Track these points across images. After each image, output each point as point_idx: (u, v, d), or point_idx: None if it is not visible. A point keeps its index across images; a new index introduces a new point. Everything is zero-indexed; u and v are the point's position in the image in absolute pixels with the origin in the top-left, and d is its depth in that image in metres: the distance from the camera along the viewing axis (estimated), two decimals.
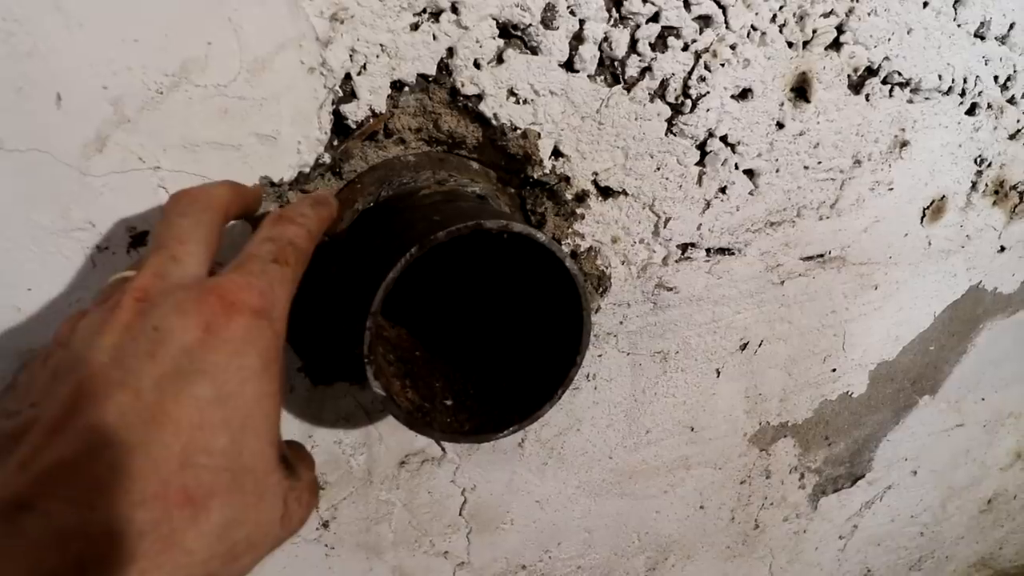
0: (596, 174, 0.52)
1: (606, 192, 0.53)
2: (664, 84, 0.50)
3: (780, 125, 0.55)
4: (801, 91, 0.55)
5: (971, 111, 0.64)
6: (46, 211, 0.38)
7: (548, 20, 0.45)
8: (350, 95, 0.42)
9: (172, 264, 0.29)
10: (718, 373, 0.67)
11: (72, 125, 0.37)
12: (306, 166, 0.43)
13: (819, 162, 0.59)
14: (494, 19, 0.43)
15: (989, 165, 0.68)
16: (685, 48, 0.49)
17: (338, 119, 0.43)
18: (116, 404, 0.24)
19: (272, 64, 0.39)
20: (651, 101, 0.50)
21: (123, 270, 0.34)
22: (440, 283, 0.52)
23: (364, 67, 0.41)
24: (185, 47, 0.37)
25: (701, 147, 0.54)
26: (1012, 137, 0.67)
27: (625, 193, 0.53)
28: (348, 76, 0.41)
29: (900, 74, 0.57)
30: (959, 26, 0.58)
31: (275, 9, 0.38)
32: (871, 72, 0.56)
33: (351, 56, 0.41)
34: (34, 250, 0.39)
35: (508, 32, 0.44)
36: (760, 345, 0.68)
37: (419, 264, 0.38)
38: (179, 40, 0.37)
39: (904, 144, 0.62)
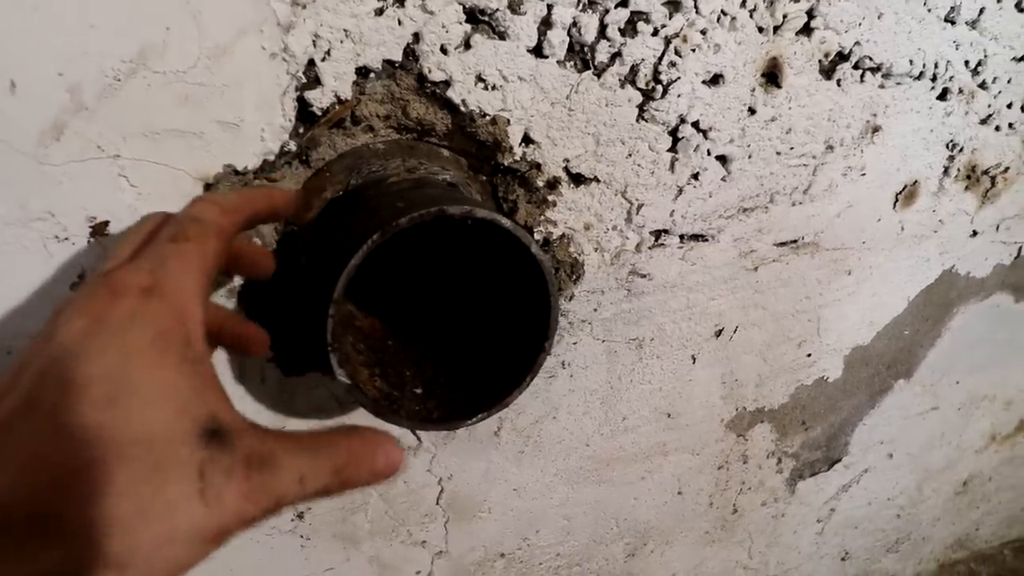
0: (567, 161, 0.51)
1: (578, 179, 0.53)
2: (634, 70, 0.50)
3: (752, 111, 0.55)
4: (772, 76, 0.55)
5: (942, 96, 0.64)
6: (3, 201, 0.37)
7: (515, 5, 0.44)
8: (314, 81, 0.42)
9: (99, 270, 0.29)
10: (694, 359, 0.68)
11: (27, 113, 0.36)
12: (271, 154, 0.42)
13: (791, 148, 0.59)
14: (460, 4, 0.43)
15: (961, 150, 0.69)
16: (655, 33, 0.49)
17: (303, 106, 0.42)
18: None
19: (233, 50, 0.38)
20: (622, 87, 0.50)
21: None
22: (413, 272, 0.51)
23: (328, 53, 0.41)
24: (143, 32, 0.36)
25: (673, 133, 0.54)
26: (983, 122, 0.68)
27: (597, 180, 0.53)
28: (312, 62, 0.41)
29: (871, 59, 0.57)
30: (929, 11, 0.58)
31: None
32: (842, 57, 0.57)
33: (314, 42, 0.40)
34: None
35: (475, 17, 0.44)
36: (735, 331, 0.68)
37: (391, 252, 0.38)
38: (136, 25, 0.36)
39: (876, 129, 0.62)
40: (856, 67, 0.58)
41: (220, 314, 0.40)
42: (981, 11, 0.60)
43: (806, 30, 0.54)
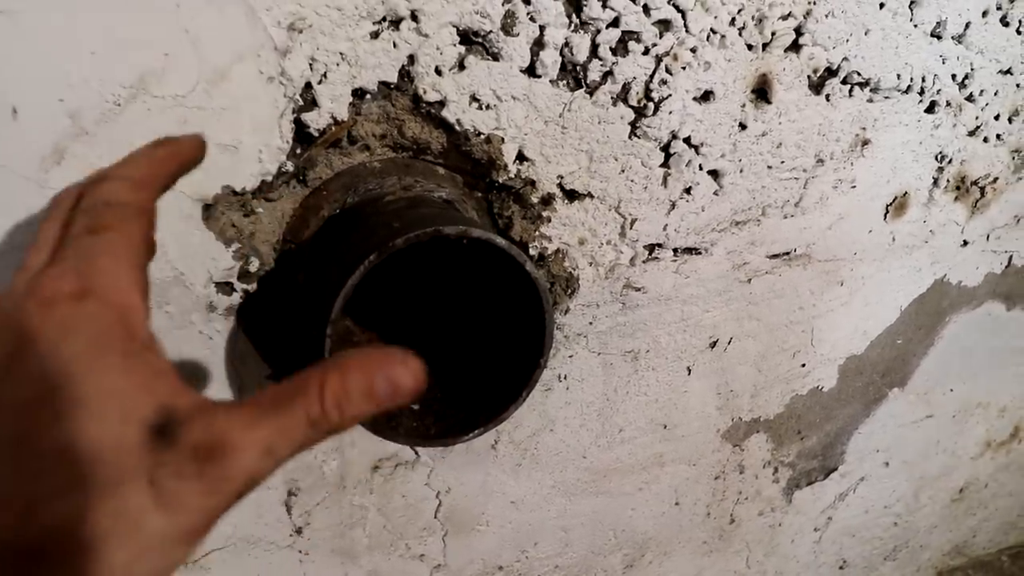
0: (561, 177, 0.52)
1: (572, 195, 0.53)
2: (626, 88, 0.50)
3: (742, 126, 0.56)
4: (762, 92, 0.56)
5: (930, 109, 0.65)
6: (4, 224, 0.38)
7: (508, 27, 0.45)
8: (311, 104, 0.42)
9: (21, 275, 0.28)
10: (689, 371, 0.68)
11: (29, 138, 0.37)
12: (268, 174, 0.43)
13: (782, 161, 0.60)
14: (454, 26, 0.44)
15: (950, 161, 0.69)
16: (646, 52, 0.49)
17: (300, 127, 0.43)
18: None
19: (231, 74, 0.39)
20: (614, 105, 0.51)
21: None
22: (411, 288, 0.52)
23: (324, 76, 0.42)
24: (142, 59, 0.37)
25: (665, 149, 0.54)
26: (971, 134, 0.69)
27: (591, 195, 0.54)
28: (308, 85, 0.42)
29: (859, 74, 0.58)
30: (916, 26, 0.59)
31: (232, 20, 0.38)
32: (831, 72, 0.57)
33: (311, 65, 0.41)
34: None
35: (469, 39, 0.45)
36: (729, 342, 0.69)
37: (388, 269, 0.39)
38: (136, 52, 0.37)
39: (865, 142, 0.63)
40: (845, 82, 0.59)
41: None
42: (967, 26, 0.61)
43: (795, 47, 0.55)
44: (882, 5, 0.56)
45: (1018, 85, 0.67)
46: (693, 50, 0.51)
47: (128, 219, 0.28)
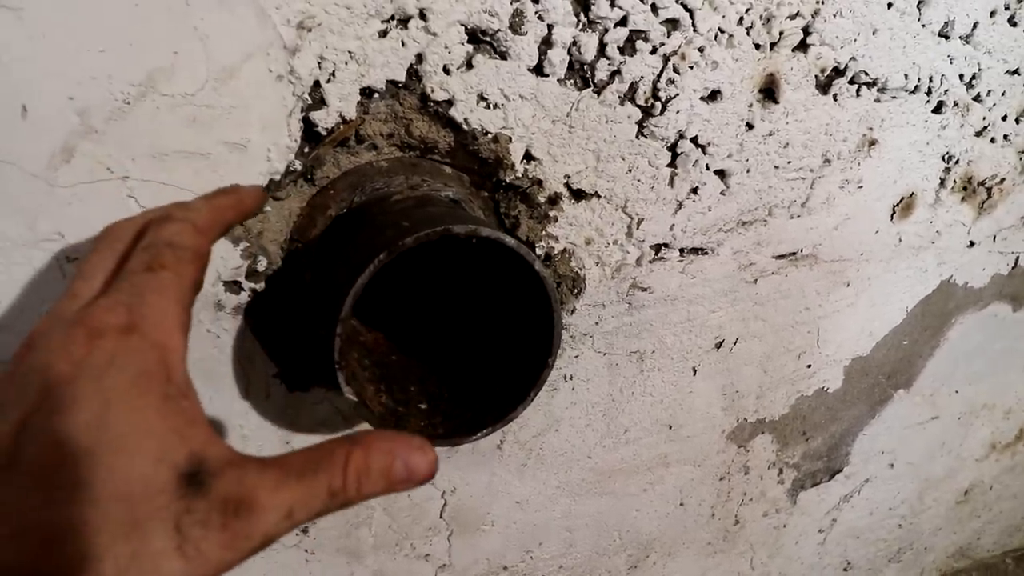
0: (568, 177, 0.52)
1: (579, 194, 0.53)
2: (634, 87, 0.50)
3: (749, 126, 0.56)
4: (769, 92, 0.56)
5: (938, 109, 0.65)
6: (13, 222, 0.38)
7: (516, 25, 0.45)
8: (319, 102, 0.42)
9: (68, 301, 0.28)
10: (694, 371, 0.68)
11: (38, 136, 0.37)
12: (277, 173, 0.43)
13: (789, 161, 0.60)
14: (463, 25, 0.44)
15: (957, 162, 0.69)
16: (653, 51, 0.49)
17: (308, 126, 0.43)
18: None
19: (240, 72, 0.39)
20: (621, 104, 0.51)
21: None
22: (417, 287, 0.52)
23: (333, 74, 0.42)
24: (151, 57, 0.37)
25: (672, 148, 0.54)
26: (979, 134, 0.69)
27: (597, 195, 0.54)
28: (317, 83, 0.42)
29: (867, 74, 0.58)
30: (923, 26, 0.59)
31: (242, 18, 0.38)
32: (838, 72, 0.57)
33: (319, 63, 0.41)
34: (1, 261, 0.38)
35: (477, 38, 0.45)
36: (735, 343, 0.68)
37: (394, 268, 0.39)
38: (145, 50, 0.37)
39: (872, 143, 0.63)
40: (852, 82, 0.58)
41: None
42: (975, 26, 0.61)
43: (802, 46, 0.54)
44: (890, 5, 0.56)
45: None
46: (701, 49, 0.51)
47: (185, 261, 0.30)
